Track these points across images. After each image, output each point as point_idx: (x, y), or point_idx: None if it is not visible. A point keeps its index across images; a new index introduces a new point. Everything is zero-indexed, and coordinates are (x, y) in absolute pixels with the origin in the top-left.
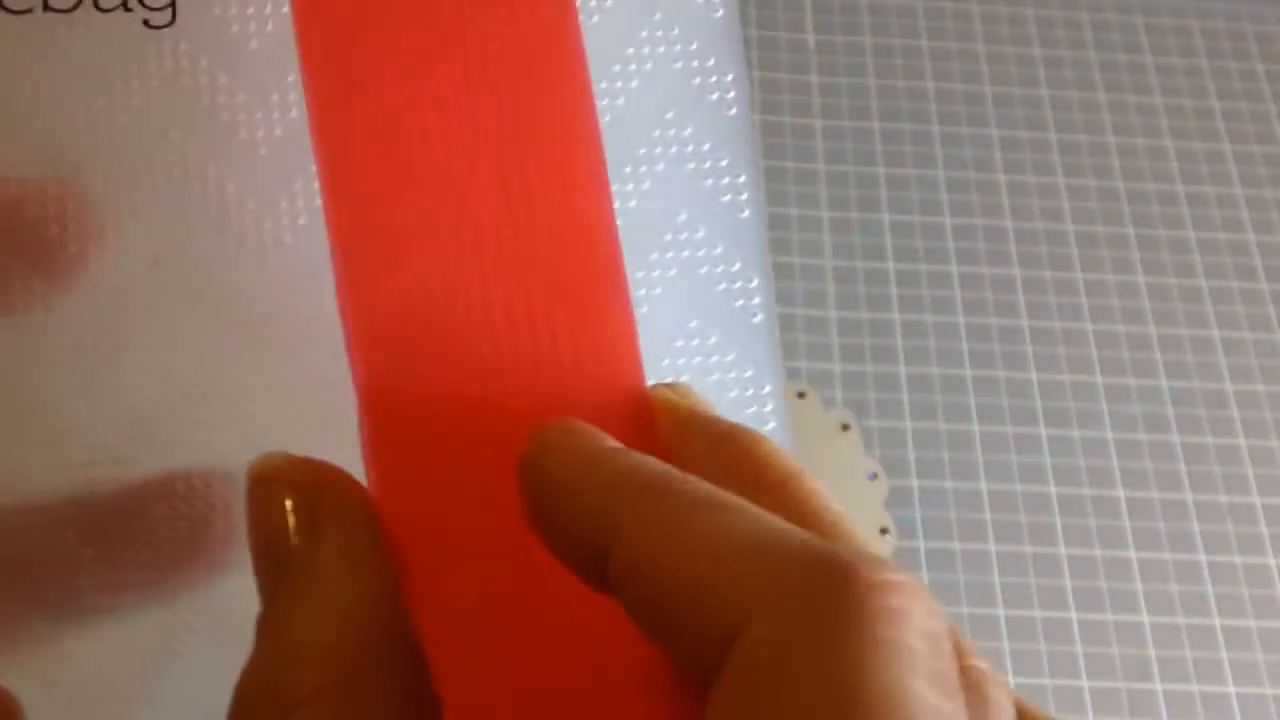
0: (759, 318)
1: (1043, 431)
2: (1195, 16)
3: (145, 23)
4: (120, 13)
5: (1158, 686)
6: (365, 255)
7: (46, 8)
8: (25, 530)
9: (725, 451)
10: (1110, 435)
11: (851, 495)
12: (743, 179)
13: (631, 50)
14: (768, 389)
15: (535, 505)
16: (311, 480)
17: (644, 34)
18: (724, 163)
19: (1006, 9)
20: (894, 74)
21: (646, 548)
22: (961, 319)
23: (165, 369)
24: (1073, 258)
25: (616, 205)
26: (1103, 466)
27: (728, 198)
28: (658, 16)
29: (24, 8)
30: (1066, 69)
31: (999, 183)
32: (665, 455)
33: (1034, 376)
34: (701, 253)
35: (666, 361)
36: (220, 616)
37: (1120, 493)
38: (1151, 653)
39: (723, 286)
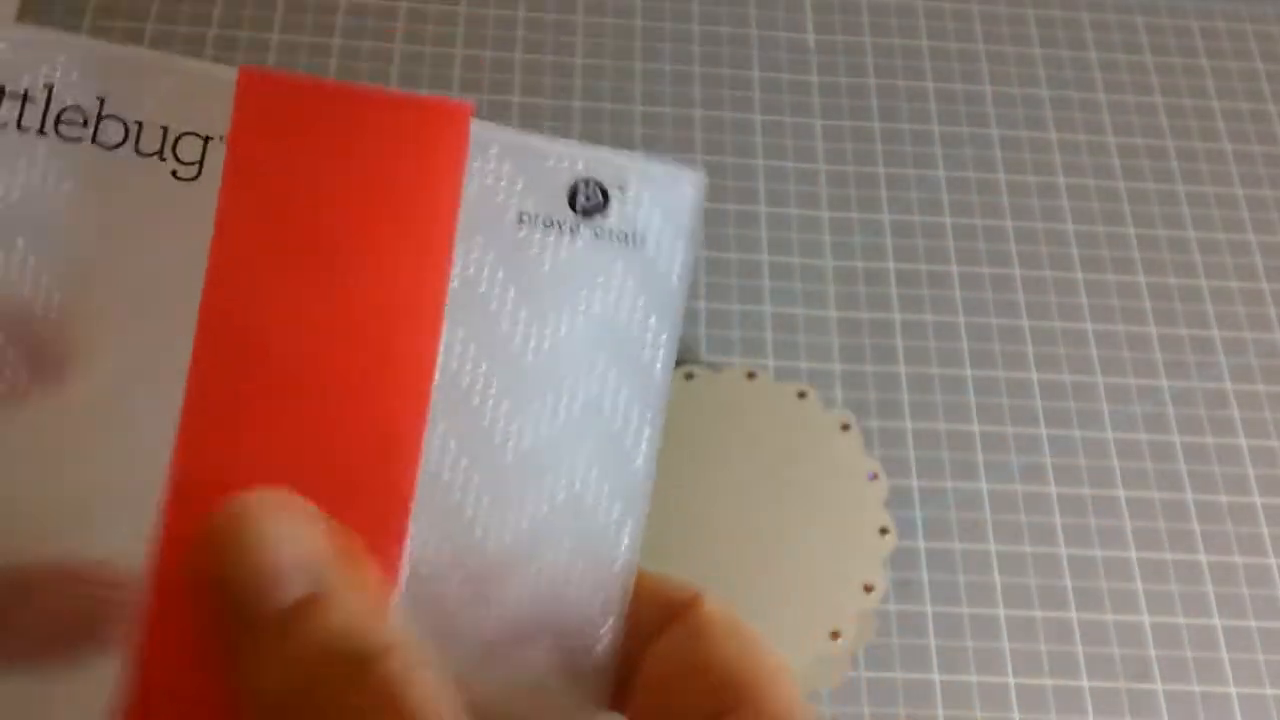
0: (639, 462)
1: (1043, 431)
2: (1195, 16)
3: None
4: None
5: (1158, 686)
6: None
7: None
8: None
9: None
10: (1110, 435)
11: (851, 495)
12: (665, 337)
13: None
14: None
15: None
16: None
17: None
18: (652, 320)
19: (1006, 9)
20: (894, 74)
21: None
22: (961, 319)
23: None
24: (1073, 258)
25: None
26: (1103, 466)
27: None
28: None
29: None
30: (1066, 69)
31: (999, 183)
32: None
33: (1034, 376)
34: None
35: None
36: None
37: (1120, 493)
38: (1151, 653)
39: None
